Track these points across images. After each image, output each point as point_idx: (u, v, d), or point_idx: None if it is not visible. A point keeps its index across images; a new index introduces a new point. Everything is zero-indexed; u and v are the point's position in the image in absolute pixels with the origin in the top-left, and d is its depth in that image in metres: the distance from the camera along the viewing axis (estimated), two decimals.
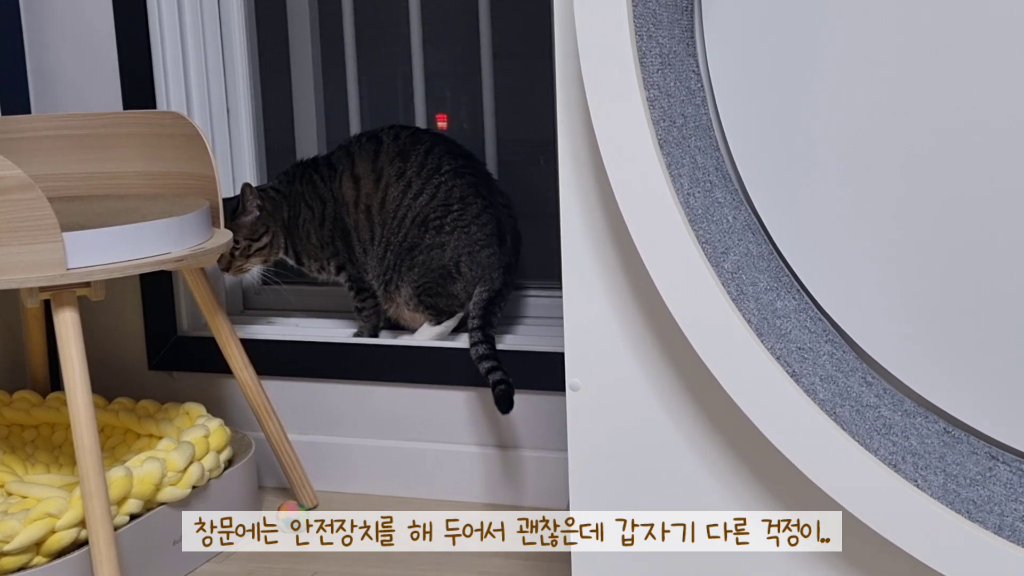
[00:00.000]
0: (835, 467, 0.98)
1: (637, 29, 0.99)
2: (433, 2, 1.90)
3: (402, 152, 1.68)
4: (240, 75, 1.85)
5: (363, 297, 1.76)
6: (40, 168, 1.61)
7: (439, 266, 1.66)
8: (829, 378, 1.02)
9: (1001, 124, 0.99)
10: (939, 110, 1.01)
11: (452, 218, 1.66)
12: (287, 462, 1.64)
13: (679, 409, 1.08)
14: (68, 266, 1.26)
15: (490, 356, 1.56)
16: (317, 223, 1.74)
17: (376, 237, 1.70)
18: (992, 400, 1.04)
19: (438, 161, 1.67)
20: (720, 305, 0.99)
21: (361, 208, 1.70)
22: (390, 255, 1.69)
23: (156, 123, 1.60)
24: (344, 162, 1.73)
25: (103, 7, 1.73)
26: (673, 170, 1.01)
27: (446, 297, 1.68)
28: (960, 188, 1.01)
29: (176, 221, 1.37)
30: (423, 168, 1.67)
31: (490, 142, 1.88)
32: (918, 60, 1.01)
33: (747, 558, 1.09)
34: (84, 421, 1.28)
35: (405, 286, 1.68)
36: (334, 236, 1.73)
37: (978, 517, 0.96)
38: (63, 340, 1.29)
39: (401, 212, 1.67)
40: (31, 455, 1.64)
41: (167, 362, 1.81)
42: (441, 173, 1.67)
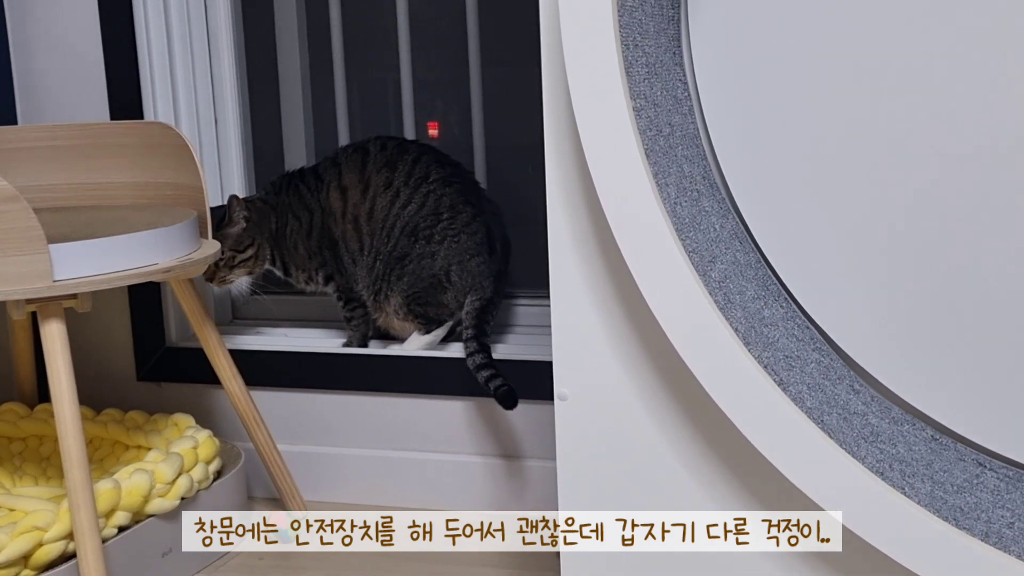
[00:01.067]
0: (822, 475, 0.98)
1: (623, 39, 0.99)
2: (421, 10, 1.90)
3: (389, 162, 1.68)
4: (228, 84, 1.84)
5: (352, 307, 1.76)
6: (27, 179, 1.61)
7: (429, 275, 1.66)
8: (816, 386, 1.02)
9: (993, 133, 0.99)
10: (926, 119, 1.01)
11: (442, 227, 1.66)
12: (276, 473, 1.64)
13: (667, 418, 1.08)
14: (55, 278, 1.26)
15: (488, 364, 1.58)
16: (304, 233, 1.74)
17: (365, 247, 1.70)
18: (979, 407, 1.04)
19: (426, 170, 1.67)
20: (707, 314, 0.99)
21: (349, 219, 1.70)
22: (380, 265, 1.69)
23: (143, 133, 1.60)
24: (331, 173, 1.73)
25: (89, 17, 1.73)
26: (660, 179, 1.01)
27: (436, 306, 1.68)
28: (948, 197, 1.02)
29: (163, 232, 1.37)
30: (411, 177, 1.67)
31: (479, 149, 1.89)
32: (903, 70, 1.01)
33: (744, 559, 1.09)
34: (71, 433, 1.28)
35: (395, 295, 1.68)
36: (322, 246, 1.73)
37: (965, 524, 0.96)
38: (50, 352, 1.29)
39: (390, 222, 1.67)
40: (19, 467, 1.63)
41: (155, 373, 1.81)
42: (429, 182, 1.67)
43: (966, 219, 1.02)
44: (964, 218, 1.02)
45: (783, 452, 1.00)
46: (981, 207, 1.01)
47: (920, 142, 1.02)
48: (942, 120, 1.01)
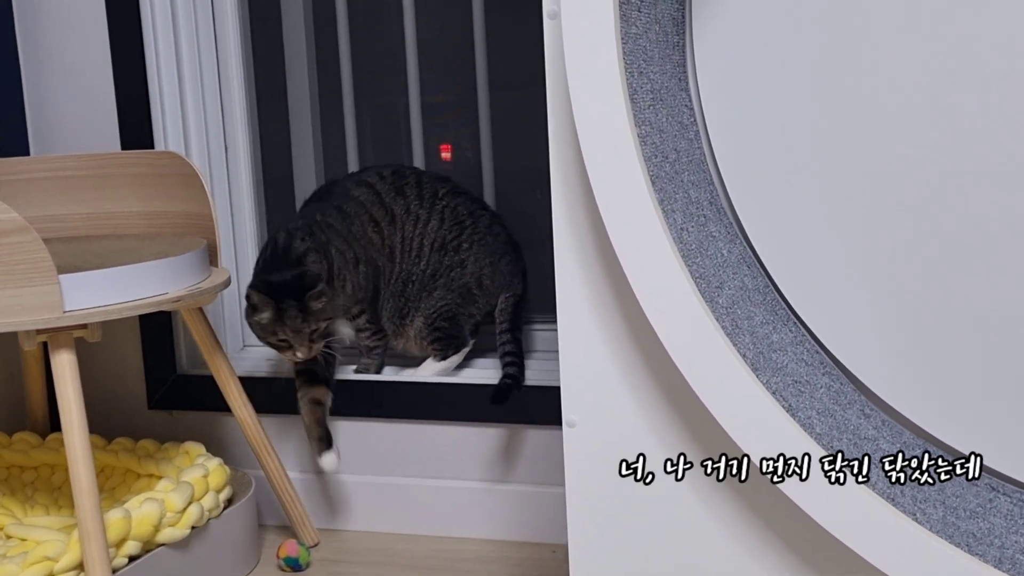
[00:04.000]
0: (832, 501, 0.98)
1: (627, 66, 0.99)
2: (429, 33, 1.91)
3: (397, 189, 1.69)
4: (238, 112, 1.85)
5: (379, 337, 1.73)
6: (38, 209, 1.62)
7: (460, 285, 1.67)
8: (826, 411, 1.01)
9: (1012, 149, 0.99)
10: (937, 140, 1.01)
11: (467, 234, 1.68)
12: (287, 500, 1.63)
13: (675, 443, 1.08)
14: (65, 308, 1.26)
15: (513, 353, 1.62)
16: (351, 267, 1.66)
17: (394, 274, 1.69)
18: (992, 431, 1.03)
19: (433, 188, 1.70)
20: (715, 340, 0.99)
21: (386, 249, 1.69)
22: (411, 287, 1.68)
23: (154, 163, 1.61)
24: (354, 206, 1.69)
25: (100, 49, 1.74)
26: (666, 205, 1.01)
27: (458, 325, 1.67)
28: (959, 220, 1.01)
29: (174, 261, 1.37)
30: (423, 199, 1.69)
31: (487, 172, 1.89)
32: (912, 93, 1.01)
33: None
34: (82, 463, 1.28)
35: (420, 316, 1.68)
36: (368, 277, 1.68)
37: (978, 550, 0.95)
38: (60, 382, 1.29)
39: (417, 242, 1.68)
40: (30, 497, 1.63)
41: (167, 401, 1.81)
42: (440, 198, 1.69)
43: (978, 242, 1.01)
44: (976, 241, 1.01)
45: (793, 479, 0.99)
46: (994, 228, 1.00)
47: (931, 164, 1.01)
48: (953, 142, 1.00)
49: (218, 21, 1.82)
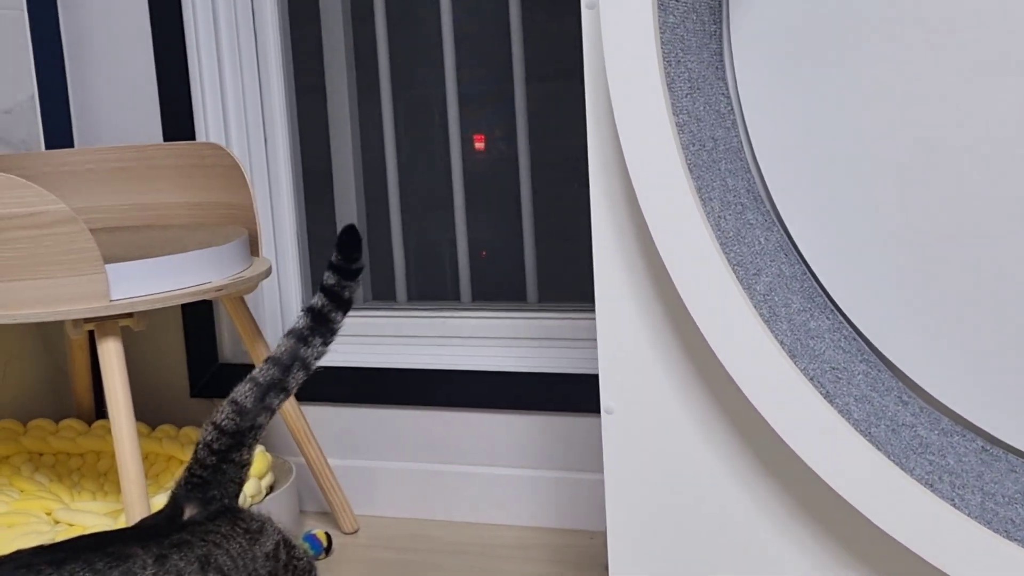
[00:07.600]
0: (870, 487, 0.98)
1: (665, 55, 0.99)
2: (466, 25, 1.92)
3: None
4: (277, 104, 1.87)
5: None
6: (83, 200, 1.65)
7: None
8: (864, 398, 1.02)
9: None
10: (979, 127, 1.01)
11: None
12: (328, 487, 1.66)
13: (713, 429, 1.09)
14: (111, 297, 1.29)
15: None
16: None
17: None
18: None
19: None
20: (752, 327, 0.99)
21: None
22: None
23: (195, 154, 1.63)
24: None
25: (143, 42, 1.77)
26: (704, 193, 1.01)
27: None
28: (997, 206, 1.01)
29: (216, 251, 1.39)
30: None
31: (524, 163, 1.90)
32: (954, 78, 1.01)
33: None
34: (128, 449, 1.31)
35: None
36: None
37: (1017, 536, 0.95)
38: (107, 370, 1.32)
39: None
40: (77, 483, 1.66)
41: (209, 389, 1.84)
42: None
43: (1020, 229, 1.01)
44: (1018, 228, 1.01)
45: (829, 464, 0.99)
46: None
47: (973, 152, 1.01)
48: (997, 130, 1.00)
49: (257, 15, 1.85)
